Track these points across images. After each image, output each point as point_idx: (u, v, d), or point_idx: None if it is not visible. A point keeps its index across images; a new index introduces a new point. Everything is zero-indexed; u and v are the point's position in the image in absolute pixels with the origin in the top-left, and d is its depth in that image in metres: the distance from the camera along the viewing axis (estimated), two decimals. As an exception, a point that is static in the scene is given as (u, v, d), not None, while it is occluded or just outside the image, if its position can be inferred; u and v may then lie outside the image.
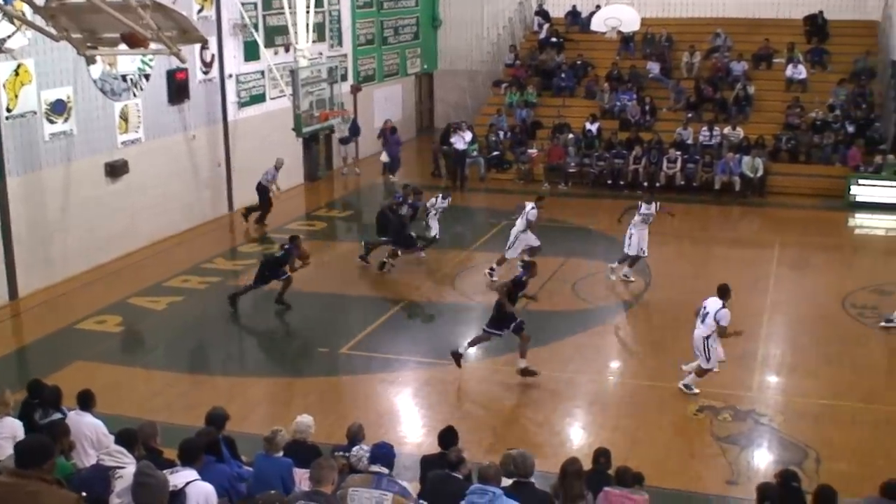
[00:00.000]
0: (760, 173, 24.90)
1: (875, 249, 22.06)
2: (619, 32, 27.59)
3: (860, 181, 24.17)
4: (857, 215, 23.70)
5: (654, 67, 29.36)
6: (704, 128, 26.66)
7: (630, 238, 17.84)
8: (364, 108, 29.19)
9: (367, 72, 29.89)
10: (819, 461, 11.48)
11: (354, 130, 27.65)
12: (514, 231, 18.38)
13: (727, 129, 26.58)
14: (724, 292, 13.16)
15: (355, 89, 28.68)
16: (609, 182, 25.85)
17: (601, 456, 8.88)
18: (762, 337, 15.12)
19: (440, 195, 20.11)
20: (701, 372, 13.23)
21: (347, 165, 28.08)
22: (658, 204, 18.10)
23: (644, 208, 17.82)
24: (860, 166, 24.57)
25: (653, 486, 9.03)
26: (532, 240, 18.26)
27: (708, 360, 13.08)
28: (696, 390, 13.28)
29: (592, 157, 26.42)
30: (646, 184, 25.33)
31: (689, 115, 27.45)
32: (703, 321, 13.09)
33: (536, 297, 14.79)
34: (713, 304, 13.07)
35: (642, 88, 28.80)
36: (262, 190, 22.18)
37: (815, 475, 10.72)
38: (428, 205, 19.72)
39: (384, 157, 27.67)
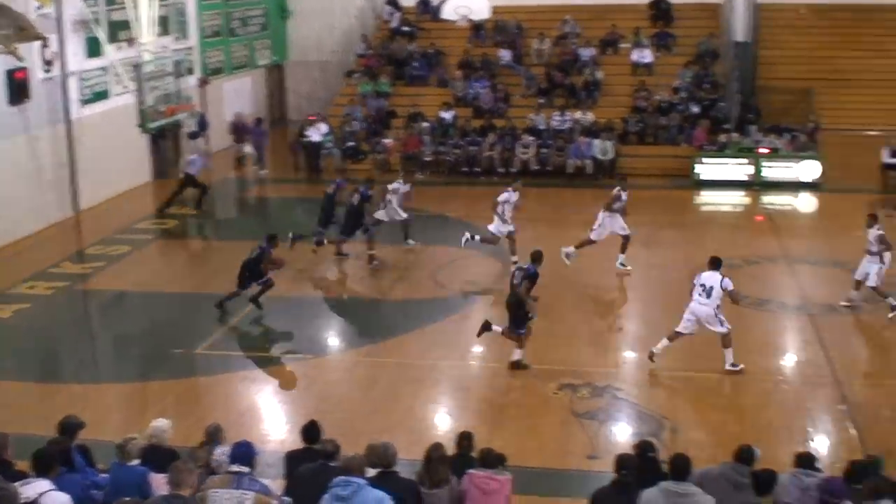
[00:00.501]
0: (611, 156, 25.50)
1: (721, 225, 22.84)
2: (470, 20, 27.80)
3: (705, 160, 25.03)
4: (702, 193, 24.55)
5: (505, 55, 29.68)
6: (556, 113, 27.10)
7: (601, 226, 17.84)
8: (214, 101, 28.55)
9: (214, 64, 29.25)
10: (675, 431, 11.84)
11: (203, 125, 27.04)
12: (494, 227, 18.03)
13: (578, 114, 27.09)
14: (717, 263, 13.50)
15: (203, 82, 28.04)
16: (465, 169, 26.02)
17: (464, 439, 8.89)
18: (616, 314, 15.46)
19: (400, 180, 19.77)
20: (729, 341, 13.47)
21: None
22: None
23: (624, 196, 17.94)
24: (705, 145, 25.43)
25: (516, 465, 9.10)
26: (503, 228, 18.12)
27: (723, 325, 13.39)
28: (741, 365, 13.52)
29: (448, 145, 26.56)
30: (501, 170, 25.61)
31: (541, 101, 27.88)
32: (708, 296, 13.31)
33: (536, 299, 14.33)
34: (712, 277, 13.36)
35: (494, 76, 29.09)
36: (190, 178, 22.23)
37: (672, 445, 11.01)
38: (389, 189, 19.37)
39: (248, 150, 27.17)
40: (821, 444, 11.78)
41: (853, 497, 7.53)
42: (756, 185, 24.44)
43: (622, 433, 12.00)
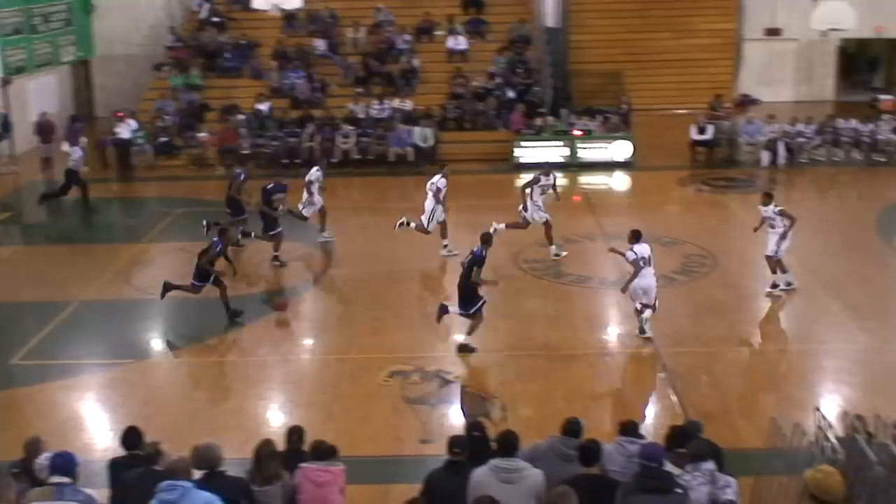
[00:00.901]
0: (431, 143, 25.61)
1: (541, 206, 23.28)
2: (282, 10, 27.33)
3: (523, 144, 25.48)
4: (522, 176, 24.95)
5: (320, 44, 29.36)
6: (375, 102, 27.01)
7: (528, 210, 18.03)
8: (17, 101, 27.09)
9: (16, 63, 27.71)
10: (505, 409, 11.98)
11: (6, 126, 25.60)
12: (427, 205, 18.01)
13: (397, 102, 27.09)
14: (637, 235, 13.91)
15: (5, 82, 26.55)
16: (285, 161, 25.59)
17: (293, 434, 8.73)
18: (441, 298, 15.51)
19: (316, 167, 19.12)
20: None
21: (2, 163, 25.99)
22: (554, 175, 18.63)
23: (544, 180, 18.20)
24: (522, 130, 25.89)
25: (349, 455, 8.98)
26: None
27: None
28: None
29: (266, 137, 26.07)
30: (325, 161, 25.31)
31: (359, 90, 27.72)
32: (652, 266, 13.82)
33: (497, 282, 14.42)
34: (645, 248, 13.79)
35: (310, 66, 28.73)
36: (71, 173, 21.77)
37: (503, 423, 11.13)
38: (312, 178, 18.67)
39: (69, 149, 25.21)
40: (646, 412, 12.18)
41: (676, 461, 7.78)
42: (573, 167, 25.05)
43: (454, 416, 12.06)
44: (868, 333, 14.64)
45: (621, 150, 25.39)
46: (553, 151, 25.33)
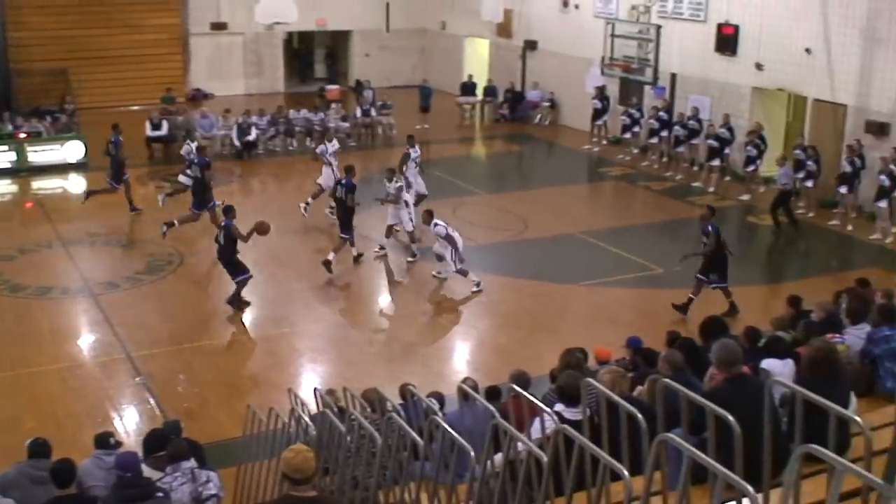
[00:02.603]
0: None
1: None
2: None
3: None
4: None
5: None
6: None
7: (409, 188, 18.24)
8: None
9: None
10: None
11: None
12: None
13: None
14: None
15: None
16: None
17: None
18: None
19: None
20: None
21: None
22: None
23: (413, 153, 18.93)
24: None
25: None
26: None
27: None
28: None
29: None
30: None
31: None
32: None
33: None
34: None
35: None
36: None
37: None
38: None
39: None
40: (125, 420, 11.78)
41: (155, 465, 7.60)
42: (23, 172, 23.39)
43: None
44: (335, 312, 15.51)
45: (73, 151, 24.19)
46: (-1, 157, 23.48)
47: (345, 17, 34.23)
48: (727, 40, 23.33)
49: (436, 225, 15.95)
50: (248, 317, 15.30)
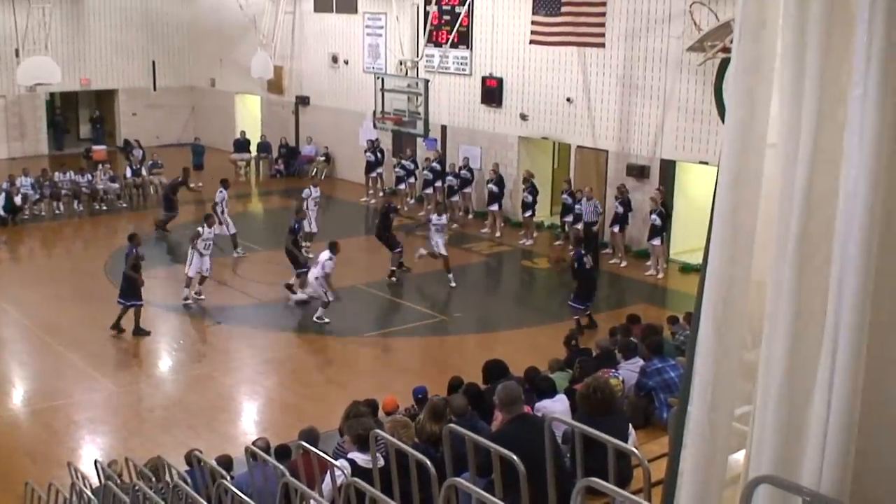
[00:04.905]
0: None
1: None
2: None
3: None
4: None
5: None
6: None
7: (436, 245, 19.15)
8: None
9: None
10: None
11: None
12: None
13: None
14: (333, 247, 16.73)
15: None
16: None
17: None
18: None
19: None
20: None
21: None
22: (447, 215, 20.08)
23: (435, 219, 19.46)
24: None
25: None
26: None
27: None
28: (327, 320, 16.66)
29: None
30: None
31: None
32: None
33: None
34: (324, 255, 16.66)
35: None
36: None
37: None
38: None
39: None
40: None
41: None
42: None
43: None
44: (110, 379, 14.91)
45: None
46: None
47: (109, 76, 33.42)
48: (492, 93, 24.32)
49: None
50: (19, 391, 14.49)
